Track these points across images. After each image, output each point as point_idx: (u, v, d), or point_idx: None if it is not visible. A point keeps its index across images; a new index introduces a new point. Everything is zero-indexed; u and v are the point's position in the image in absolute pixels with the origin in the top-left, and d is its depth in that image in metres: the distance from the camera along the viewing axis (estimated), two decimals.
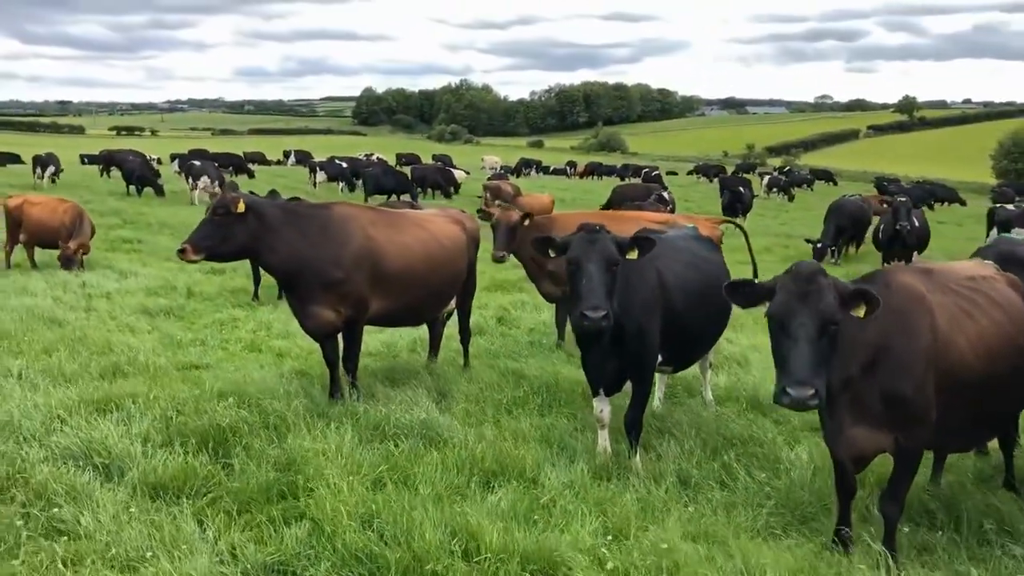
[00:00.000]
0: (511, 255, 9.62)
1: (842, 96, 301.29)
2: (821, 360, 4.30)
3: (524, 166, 62.95)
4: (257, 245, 7.12)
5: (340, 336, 7.62)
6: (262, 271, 13.61)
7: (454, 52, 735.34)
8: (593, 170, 66.22)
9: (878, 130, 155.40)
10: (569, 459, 6.12)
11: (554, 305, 10.54)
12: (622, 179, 62.51)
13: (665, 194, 29.15)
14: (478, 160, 67.33)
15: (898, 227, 16.24)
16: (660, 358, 6.29)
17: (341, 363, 7.65)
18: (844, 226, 20.74)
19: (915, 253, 17.12)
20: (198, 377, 8.06)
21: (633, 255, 5.70)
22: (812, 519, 5.41)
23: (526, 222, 9.57)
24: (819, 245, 19.60)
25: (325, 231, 7.24)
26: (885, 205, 22.82)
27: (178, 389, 6.91)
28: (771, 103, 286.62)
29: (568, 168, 67.58)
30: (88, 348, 9.13)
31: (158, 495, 5.20)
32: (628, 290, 5.75)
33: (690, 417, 7.20)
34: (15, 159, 45.26)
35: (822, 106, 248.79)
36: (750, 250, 9.45)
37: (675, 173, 71.42)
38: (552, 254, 5.83)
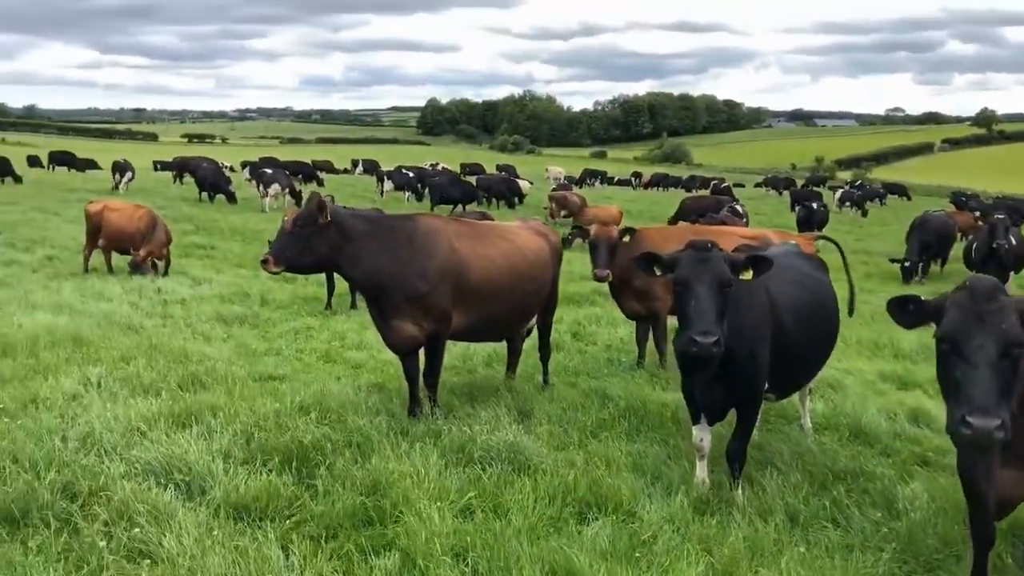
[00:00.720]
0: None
1: (914, 109, 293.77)
2: (1004, 387, 3.81)
3: (588, 177, 62.41)
4: (339, 257, 6.93)
5: (421, 351, 7.39)
6: (336, 279, 13.63)
7: (517, 63, 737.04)
8: (658, 182, 65.43)
9: (954, 144, 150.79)
10: (666, 490, 5.75)
11: (634, 323, 10.17)
12: (688, 191, 61.67)
13: (739, 207, 28.50)
14: (541, 170, 67.14)
15: (995, 245, 15.42)
16: (765, 385, 5.88)
17: (421, 379, 7.42)
18: (929, 242, 19.87)
19: (1011, 274, 16.26)
20: (276, 389, 7.90)
21: (747, 276, 5.30)
22: (938, 567, 4.95)
23: (626, 238, 9.21)
24: (907, 264, 18.80)
25: (410, 243, 7.02)
26: (980, 222, 21.81)
27: (259, 403, 6.72)
28: (840, 115, 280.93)
29: (633, 179, 66.88)
30: (165, 356, 9.06)
31: (241, 517, 4.99)
32: (738, 312, 5.35)
33: (790, 446, 6.75)
34: (93, 165, 46.51)
35: (893, 119, 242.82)
36: (847, 268, 8.95)
37: (742, 185, 70.15)
38: (658, 272, 5.47)
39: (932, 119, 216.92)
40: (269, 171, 31.32)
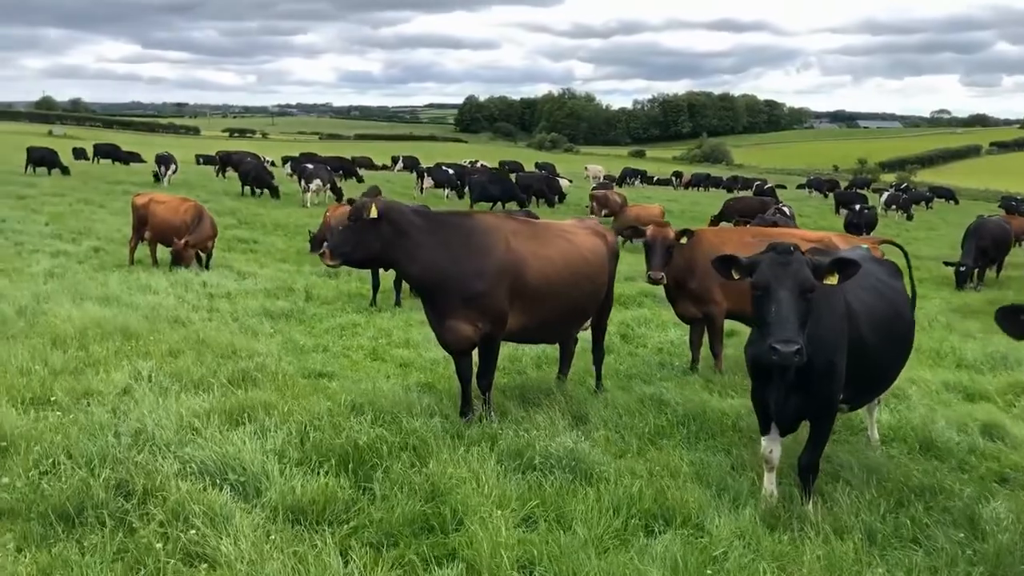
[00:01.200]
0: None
1: (961, 111, 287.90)
2: None
3: (628, 176, 61.96)
4: (394, 253, 6.79)
5: (475, 352, 7.22)
6: (382, 277, 13.53)
7: (555, 60, 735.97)
8: (699, 182, 64.78)
9: (1002, 147, 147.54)
10: (733, 503, 5.51)
11: (688, 326, 9.91)
12: (729, 191, 60.97)
13: (785, 208, 27.99)
14: (580, 168, 66.81)
15: None
16: (840, 396, 5.61)
17: (474, 380, 7.24)
18: (986, 247, 19.28)
19: None
20: (325, 387, 7.78)
21: (832, 280, 5.03)
22: None
23: (683, 240, 8.95)
24: (962, 268, 18.28)
25: (467, 241, 6.85)
26: None
27: (312, 402, 6.58)
28: (883, 117, 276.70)
29: (673, 179, 66.26)
30: (213, 351, 9.00)
31: (298, 520, 4.85)
32: (818, 319, 5.08)
33: (858, 459, 6.47)
34: (137, 158, 47.05)
35: (939, 121, 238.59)
36: (911, 274, 8.61)
37: (783, 187, 69.06)
38: (736, 276, 5.22)
39: (979, 121, 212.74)
40: (311, 166, 31.40)
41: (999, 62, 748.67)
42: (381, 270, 13.40)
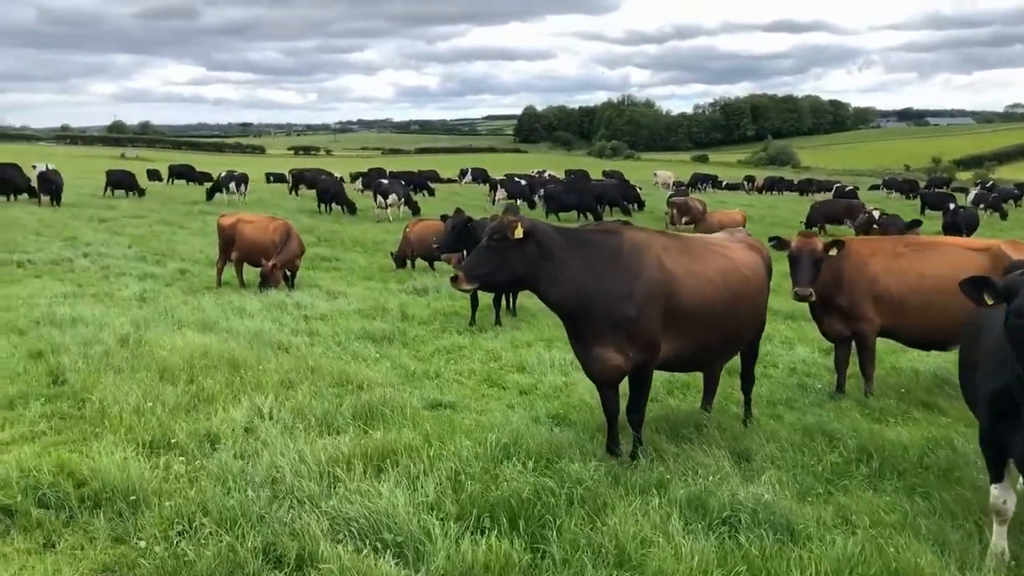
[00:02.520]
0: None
1: None
2: None
3: (699, 181, 60.66)
4: (536, 275, 6.14)
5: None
6: (480, 294, 12.95)
7: (611, 68, 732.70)
8: (772, 185, 63.10)
9: None
10: (960, 564, 4.68)
11: (833, 346, 9.06)
12: (802, 194, 59.29)
13: (875, 212, 26.70)
14: (647, 175, 65.69)
15: None
16: None
17: (618, 414, 6.55)
18: None
19: None
20: (450, 419, 7.15)
21: None
22: None
23: (832, 251, 8.10)
24: None
25: (615, 260, 6.16)
26: None
27: (455, 443, 5.92)
28: (953, 114, 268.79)
29: (745, 183, 64.71)
30: (325, 379, 8.48)
31: None
32: None
33: None
34: (210, 178, 47.57)
35: (1013, 116, 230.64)
36: None
37: (856, 188, 66.87)
38: (989, 301, 4.41)
39: None
40: (386, 182, 31.13)
41: None
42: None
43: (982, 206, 45.20)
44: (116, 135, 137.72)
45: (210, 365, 8.62)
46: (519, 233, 6.01)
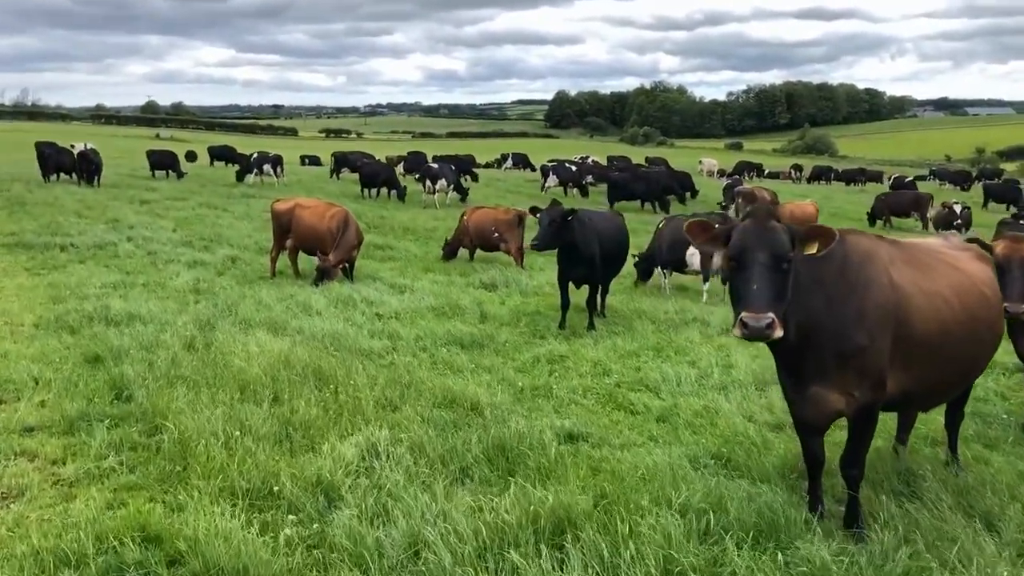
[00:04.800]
0: None
1: None
2: None
3: (744, 170, 58.77)
4: None
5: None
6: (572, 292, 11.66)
7: (640, 54, 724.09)
8: (820, 175, 61.05)
9: None
10: None
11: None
12: (848, 184, 57.33)
13: (956, 206, 25.11)
14: (684, 162, 63.73)
15: None
16: None
17: (822, 465, 5.24)
18: None
19: None
20: (607, 464, 5.83)
21: None
22: None
23: None
24: None
25: (842, 275, 4.81)
26: None
27: (644, 509, 4.60)
28: (992, 103, 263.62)
29: (793, 172, 62.72)
30: (426, 397, 7.27)
31: None
32: None
33: None
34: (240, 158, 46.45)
35: None
36: None
37: (914, 179, 64.64)
38: None
39: None
40: (435, 166, 29.81)
41: None
42: (572, 288, 11.57)
43: None
44: (150, 115, 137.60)
45: (294, 379, 7.41)
46: (816, 248, 4.56)
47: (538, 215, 10.81)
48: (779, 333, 4.29)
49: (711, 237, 4.64)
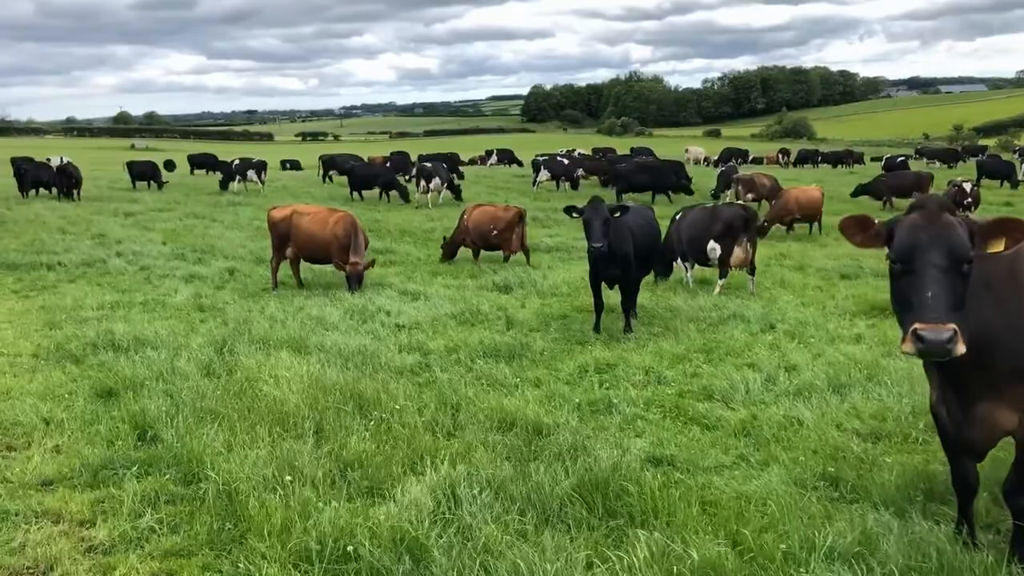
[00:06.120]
0: None
1: None
2: None
3: (732, 156, 58.26)
4: None
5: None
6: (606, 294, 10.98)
7: (612, 45, 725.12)
8: (806, 158, 60.71)
9: None
10: None
11: None
12: (834, 166, 57.01)
13: (966, 184, 24.60)
14: (668, 151, 63.15)
15: None
16: None
17: (975, 491, 4.57)
18: None
19: None
20: (704, 495, 5.16)
21: None
22: None
23: None
24: None
25: (1012, 279, 4.14)
26: None
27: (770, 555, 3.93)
28: (963, 81, 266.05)
29: (780, 156, 62.30)
30: (481, 421, 6.58)
31: None
32: None
33: None
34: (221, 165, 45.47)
35: (1023, 81, 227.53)
36: None
37: (879, 158, 64.31)
38: None
39: None
40: (429, 165, 29.02)
41: None
42: (606, 289, 10.89)
43: None
44: (123, 126, 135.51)
45: (335, 406, 6.67)
46: (1004, 244, 3.86)
47: (584, 216, 9.97)
48: (962, 348, 3.61)
49: (871, 235, 3.96)
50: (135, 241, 19.39)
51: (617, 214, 9.92)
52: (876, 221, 4.02)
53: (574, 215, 10.26)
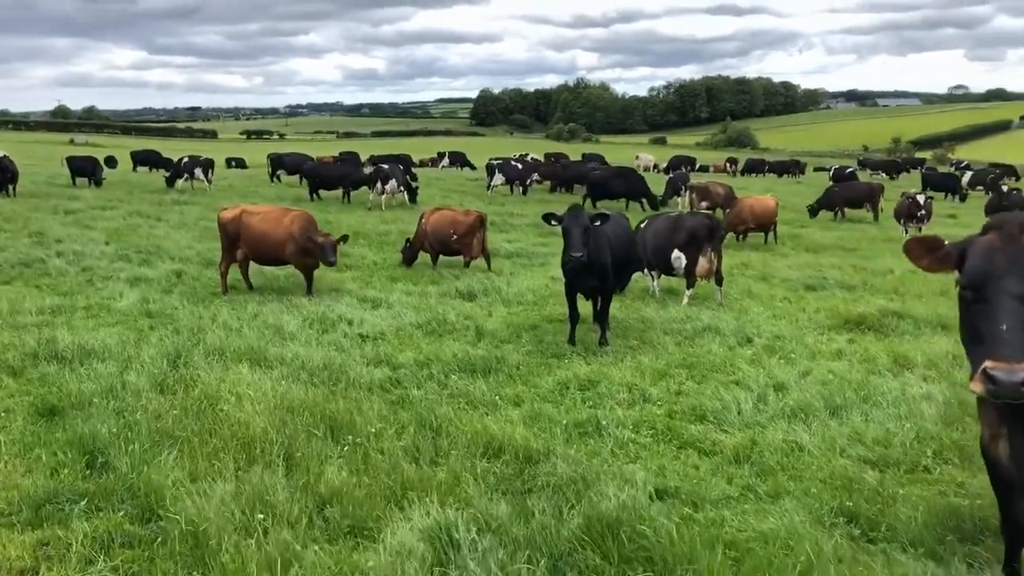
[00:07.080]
0: None
1: (974, 86, 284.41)
2: None
3: (681, 164, 58.55)
4: None
5: None
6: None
7: (559, 51, 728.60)
8: (753, 167, 61.31)
9: None
10: None
11: None
12: (780, 175, 57.70)
13: (920, 196, 24.77)
14: (614, 158, 63.14)
15: None
16: None
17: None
18: None
19: None
20: (723, 537, 4.73)
21: None
22: None
23: None
24: None
25: None
26: None
27: None
28: (897, 95, 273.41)
29: (728, 165, 62.86)
30: (466, 446, 6.07)
31: None
32: None
33: None
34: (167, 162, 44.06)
35: (956, 97, 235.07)
36: None
37: (824, 169, 65.28)
38: None
39: (997, 96, 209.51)
40: (386, 166, 28.32)
41: (1000, 36, 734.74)
42: (583, 300, 10.47)
43: (979, 186, 43.97)
44: (61, 120, 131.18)
45: (305, 429, 6.11)
46: None
47: (563, 224, 9.48)
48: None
49: (939, 257, 3.59)
50: (76, 240, 18.37)
51: (597, 223, 9.50)
52: (945, 242, 3.65)
53: (553, 223, 9.79)
